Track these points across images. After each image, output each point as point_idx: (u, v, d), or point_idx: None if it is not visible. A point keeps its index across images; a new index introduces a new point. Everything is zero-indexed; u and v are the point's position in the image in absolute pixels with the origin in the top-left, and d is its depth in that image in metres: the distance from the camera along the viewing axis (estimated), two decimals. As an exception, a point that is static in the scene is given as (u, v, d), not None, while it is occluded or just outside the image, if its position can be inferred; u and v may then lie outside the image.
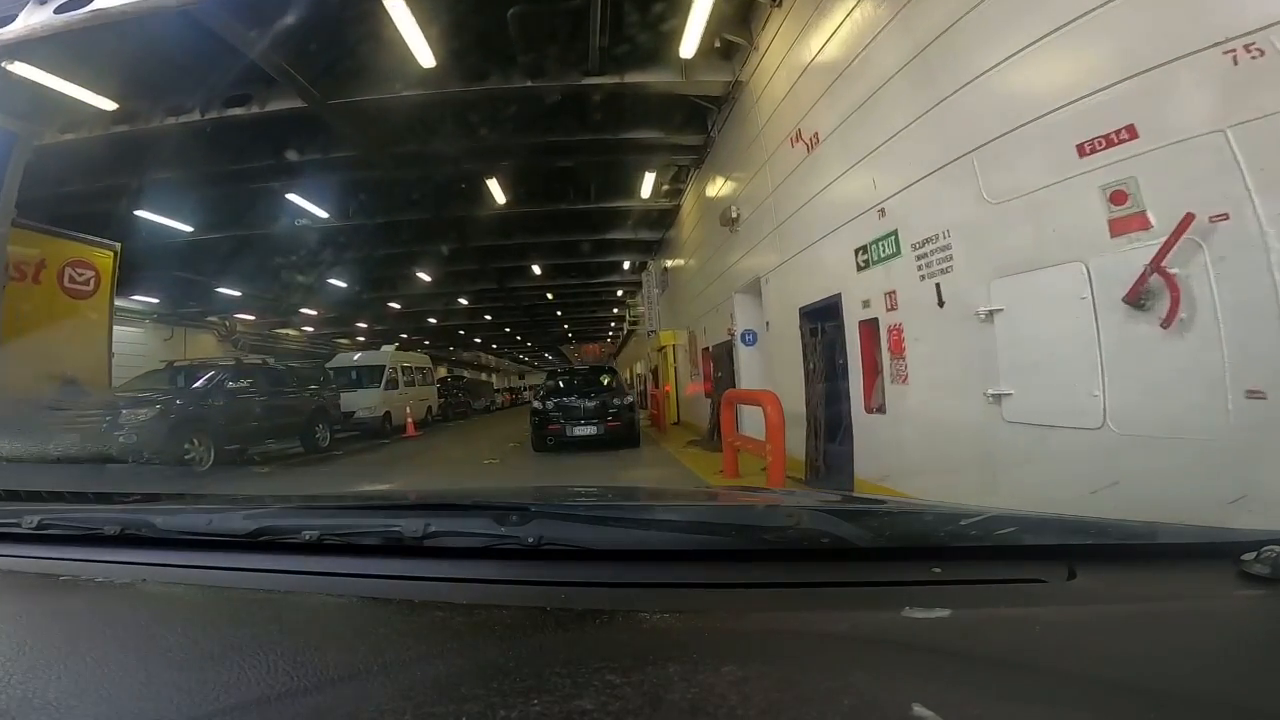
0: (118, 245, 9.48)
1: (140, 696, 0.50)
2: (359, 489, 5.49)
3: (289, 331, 24.99)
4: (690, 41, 6.60)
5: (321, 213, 11.23)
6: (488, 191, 10.75)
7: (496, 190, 10.65)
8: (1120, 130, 2.42)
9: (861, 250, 4.40)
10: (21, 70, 5.89)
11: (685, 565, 0.76)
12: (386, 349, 16.59)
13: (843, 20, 4.54)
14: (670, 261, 13.73)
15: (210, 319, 19.66)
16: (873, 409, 4.36)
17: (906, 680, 0.47)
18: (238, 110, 7.82)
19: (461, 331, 31.88)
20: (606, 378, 10.74)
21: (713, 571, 0.75)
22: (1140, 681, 0.46)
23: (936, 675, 0.48)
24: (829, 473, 5.01)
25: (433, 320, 25.92)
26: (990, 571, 0.71)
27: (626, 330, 27.62)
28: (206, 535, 0.90)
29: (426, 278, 17.34)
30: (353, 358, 15.92)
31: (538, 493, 1.50)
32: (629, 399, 9.72)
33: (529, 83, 7.49)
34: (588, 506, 1.03)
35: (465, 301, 21.77)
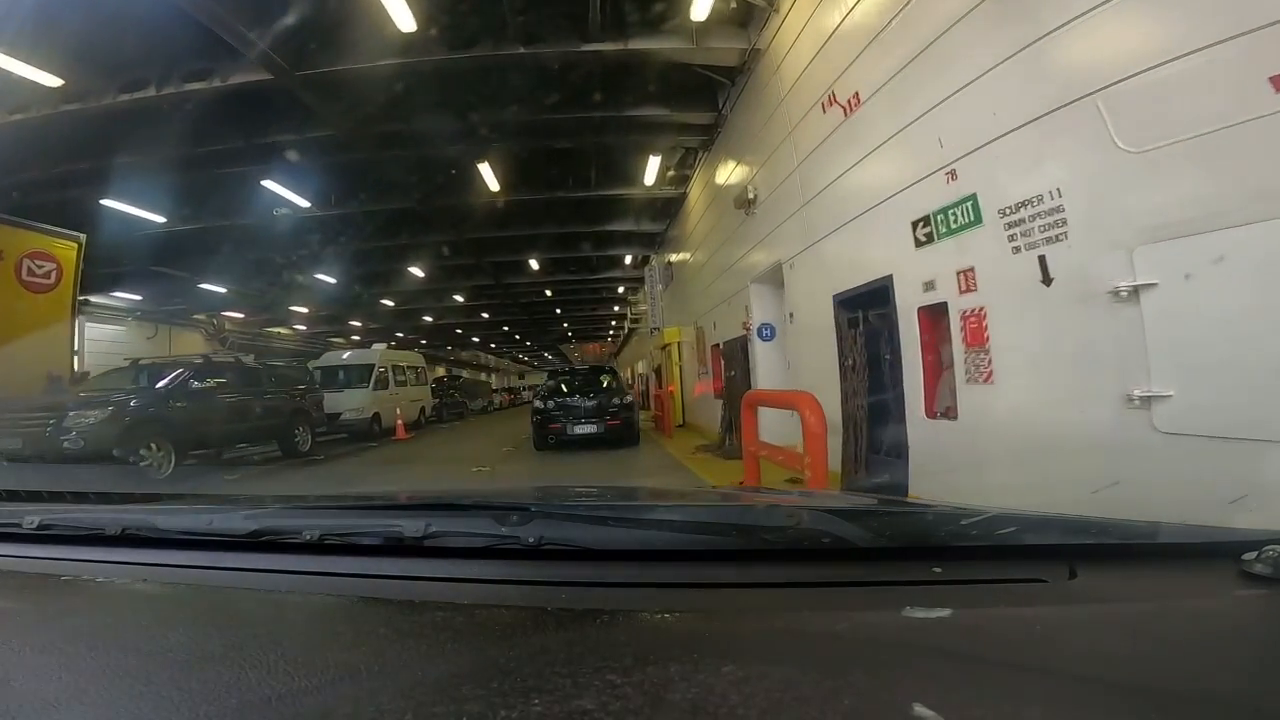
0: (81, 236, 9.06)
1: (140, 696, 0.49)
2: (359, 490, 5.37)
3: (281, 330, 24.43)
4: (703, 1, 5.93)
5: (302, 201, 10.48)
6: (480, 178, 9.99)
7: (489, 176, 9.88)
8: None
9: (921, 223, 3.66)
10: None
11: (686, 565, 0.76)
12: (378, 347, 15.93)
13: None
14: (675, 255, 13.08)
15: (197, 317, 19.03)
16: (936, 413, 3.61)
17: (907, 680, 0.46)
18: (197, 85, 7.12)
19: (459, 330, 31.32)
20: (606, 377, 10.84)
21: (713, 571, 0.75)
22: (1141, 681, 0.46)
23: (937, 675, 0.47)
24: (873, 490, 4.25)
25: (429, 319, 25.34)
26: (991, 571, 0.70)
27: (627, 329, 27.32)
28: (207, 535, 0.90)
29: (420, 273, 16.62)
30: (341, 356, 15.34)
31: (538, 493, 1.45)
32: (628, 398, 9.87)
33: (521, 49, 6.74)
34: (588, 507, 1.02)
35: (461, 299, 21.13)
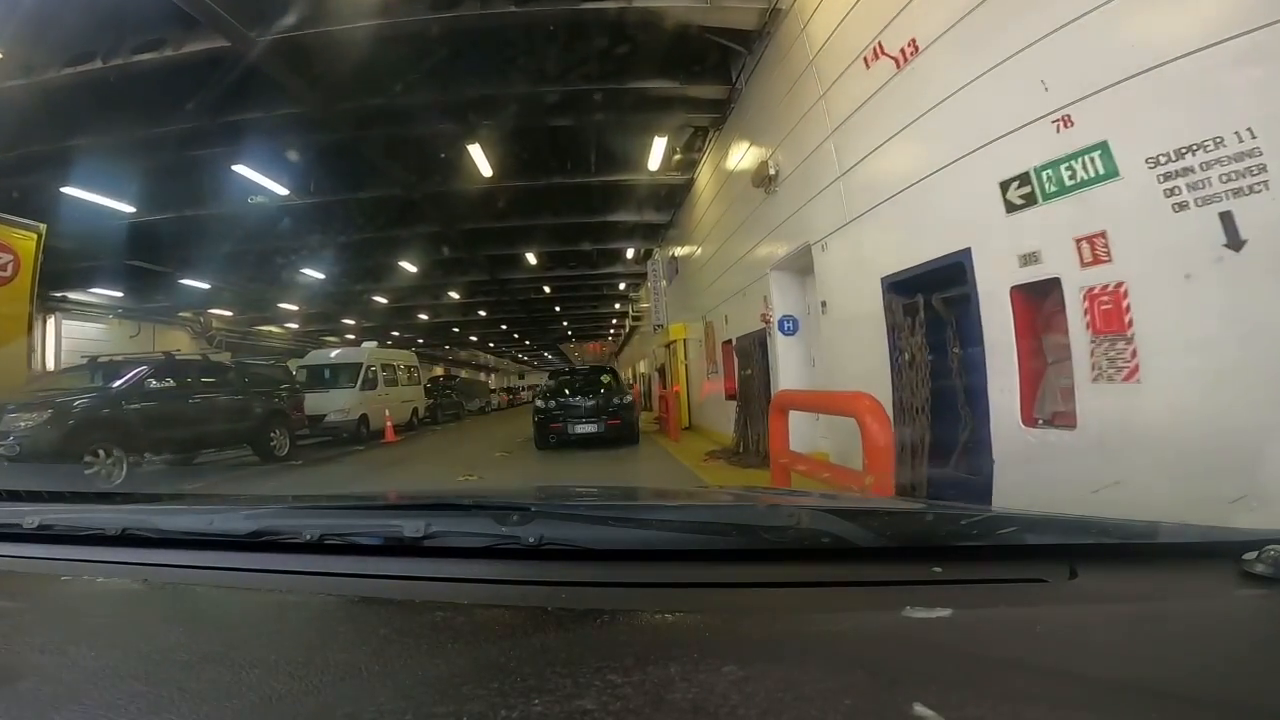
0: (41, 227, 8.30)
1: (140, 696, 0.49)
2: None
3: (272, 329, 23.65)
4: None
5: (279, 188, 9.68)
6: (471, 161, 9.19)
7: (481, 159, 9.09)
8: None
9: (1016, 182, 2.90)
10: None
11: (686, 565, 0.76)
12: (367, 346, 15.15)
13: None
14: (680, 248, 12.27)
15: (183, 315, 18.25)
16: (1038, 421, 2.85)
17: (907, 680, 0.46)
18: (148, 55, 6.35)
19: (456, 330, 30.52)
20: (607, 377, 10.93)
21: (713, 571, 0.74)
22: (1142, 681, 0.46)
23: (937, 675, 0.47)
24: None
25: (425, 317, 24.52)
26: (991, 571, 0.70)
27: (629, 327, 26.57)
28: (207, 535, 0.90)
29: (412, 268, 15.81)
30: (328, 355, 14.56)
31: (538, 493, 1.47)
32: (628, 398, 10.00)
33: (513, 7, 5.96)
34: (588, 507, 1.01)
35: (457, 296, 20.30)
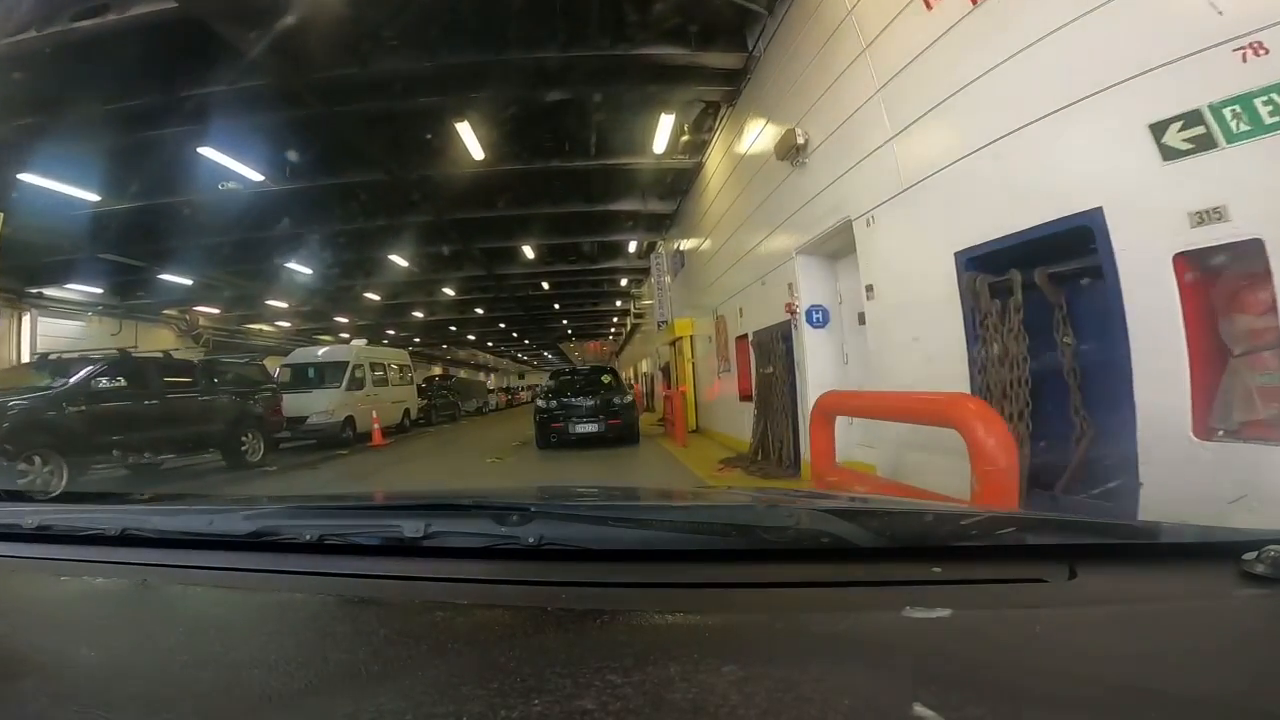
0: None
1: (140, 696, 0.49)
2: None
3: (261, 327, 22.83)
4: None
5: (252, 173, 8.91)
6: (460, 142, 8.40)
7: (471, 139, 8.29)
8: None
9: (1178, 123, 2.19)
10: None
11: (686, 565, 0.76)
12: (356, 344, 14.39)
13: None
14: (687, 239, 11.46)
15: (167, 312, 17.44)
16: (1218, 431, 2.10)
17: (906, 680, 0.46)
18: (88, 22, 5.58)
19: (454, 328, 29.69)
20: (607, 377, 10.98)
21: (713, 571, 0.74)
22: (1141, 681, 0.46)
23: (937, 675, 0.47)
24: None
25: (420, 315, 23.72)
26: (991, 571, 0.70)
27: (630, 325, 25.80)
28: (207, 535, 0.89)
29: (403, 262, 14.99)
30: (314, 353, 13.78)
31: (538, 493, 1.46)
32: (628, 398, 10.14)
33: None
34: (588, 507, 1.01)
35: (452, 292, 19.52)
